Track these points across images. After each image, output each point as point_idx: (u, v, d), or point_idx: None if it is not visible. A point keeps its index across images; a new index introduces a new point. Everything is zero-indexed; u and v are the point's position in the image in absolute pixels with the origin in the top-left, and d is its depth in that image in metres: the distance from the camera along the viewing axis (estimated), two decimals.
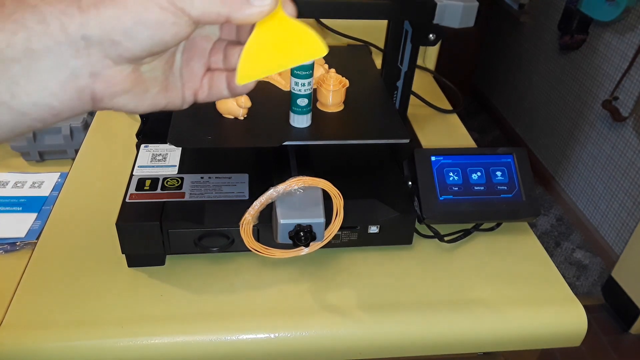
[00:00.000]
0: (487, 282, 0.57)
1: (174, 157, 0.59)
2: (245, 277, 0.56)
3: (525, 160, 0.61)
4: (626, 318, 1.65)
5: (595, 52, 1.91)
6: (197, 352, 0.50)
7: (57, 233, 0.59)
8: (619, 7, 1.65)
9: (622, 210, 1.81)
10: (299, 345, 0.51)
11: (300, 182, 0.49)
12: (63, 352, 0.49)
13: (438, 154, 0.60)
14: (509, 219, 0.62)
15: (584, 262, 1.92)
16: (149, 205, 0.53)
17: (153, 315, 0.51)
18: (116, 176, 0.62)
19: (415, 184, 0.59)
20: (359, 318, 0.52)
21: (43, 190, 0.68)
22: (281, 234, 0.51)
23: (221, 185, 0.57)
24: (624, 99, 1.77)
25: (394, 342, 0.53)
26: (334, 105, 0.61)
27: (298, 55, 0.33)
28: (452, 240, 0.62)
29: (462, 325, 0.53)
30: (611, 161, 1.85)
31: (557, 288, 0.57)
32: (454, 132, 0.84)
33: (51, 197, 0.67)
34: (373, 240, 0.58)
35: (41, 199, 0.67)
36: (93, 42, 0.30)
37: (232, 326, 0.51)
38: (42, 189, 0.69)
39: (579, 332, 0.55)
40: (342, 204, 0.51)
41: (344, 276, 0.57)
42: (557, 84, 2.16)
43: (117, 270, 0.55)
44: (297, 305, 0.53)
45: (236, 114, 0.58)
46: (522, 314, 0.54)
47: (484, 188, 0.59)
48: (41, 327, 0.49)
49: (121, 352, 0.49)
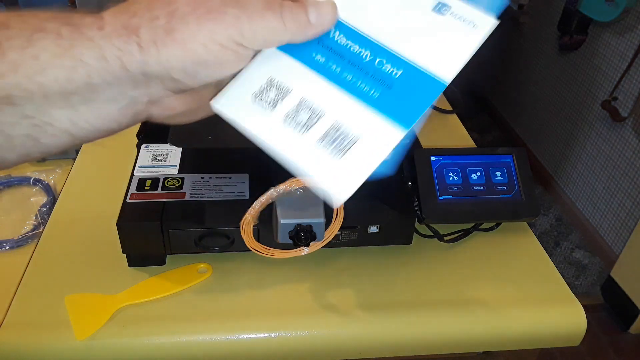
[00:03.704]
0: (487, 281, 0.57)
1: (175, 157, 0.60)
2: (245, 277, 0.56)
3: (525, 160, 0.61)
4: (625, 318, 1.65)
5: (595, 53, 1.91)
6: (197, 352, 0.50)
7: (57, 233, 0.60)
8: (618, 8, 1.65)
9: (621, 210, 1.81)
10: (299, 345, 0.51)
11: (300, 182, 0.49)
12: (64, 352, 0.49)
13: (438, 154, 0.60)
14: (509, 219, 0.62)
15: (583, 262, 1.92)
16: (150, 205, 0.53)
17: (153, 315, 0.51)
18: (117, 176, 0.62)
19: (415, 184, 0.59)
20: (359, 318, 0.52)
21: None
22: (281, 234, 0.51)
23: (221, 185, 0.57)
24: (623, 100, 1.77)
25: (394, 342, 0.53)
26: None
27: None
28: (451, 240, 0.62)
29: (462, 325, 0.53)
30: (610, 161, 1.85)
31: (557, 288, 0.57)
32: (454, 132, 0.84)
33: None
34: (373, 240, 0.58)
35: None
36: (152, 77, 0.30)
37: (232, 326, 0.51)
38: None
39: (578, 332, 0.55)
40: (342, 204, 0.51)
41: (344, 276, 0.57)
42: (556, 84, 2.17)
43: (118, 270, 0.55)
44: (297, 305, 0.53)
45: None
46: (522, 313, 0.55)
47: (483, 188, 0.59)
48: (41, 327, 0.49)
49: (122, 352, 0.49)
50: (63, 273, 0.55)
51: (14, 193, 0.71)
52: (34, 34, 0.27)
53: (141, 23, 0.28)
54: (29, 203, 0.69)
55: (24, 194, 0.70)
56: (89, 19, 0.29)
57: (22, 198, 0.70)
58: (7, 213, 0.67)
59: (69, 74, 0.28)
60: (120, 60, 0.28)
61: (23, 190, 0.71)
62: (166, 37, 0.28)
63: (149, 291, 0.52)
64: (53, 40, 0.27)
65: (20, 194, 0.70)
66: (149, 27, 0.28)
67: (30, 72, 0.27)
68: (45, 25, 0.28)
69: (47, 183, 0.72)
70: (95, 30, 0.28)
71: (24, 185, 0.72)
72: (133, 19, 0.28)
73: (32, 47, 0.27)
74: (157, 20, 0.28)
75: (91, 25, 0.28)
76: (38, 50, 0.27)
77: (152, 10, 0.28)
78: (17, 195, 0.70)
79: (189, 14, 0.28)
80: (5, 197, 0.70)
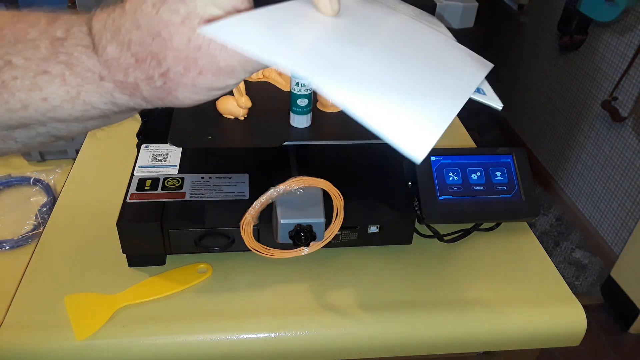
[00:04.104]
0: (487, 281, 0.57)
1: (175, 157, 0.60)
2: (245, 277, 0.56)
3: (525, 160, 0.61)
4: (625, 318, 1.65)
5: (595, 53, 1.91)
6: (198, 352, 0.50)
7: (57, 233, 0.60)
8: (618, 8, 1.65)
9: (621, 210, 1.81)
10: (299, 345, 0.51)
11: (300, 182, 0.49)
12: (63, 352, 0.49)
13: (438, 154, 0.60)
14: (509, 219, 0.62)
15: (583, 262, 1.92)
16: (150, 205, 0.53)
17: (153, 315, 0.51)
18: (117, 176, 0.62)
19: (415, 184, 0.59)
20: (359, 318, 0.52)
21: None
22: (281, 234, 0.51)
23: (221, 185, 0.57)
24: (623, 99, 1.77)
25: (394, 342, 0.53)
26: (334, 105, 0.61)
27: None
28: (451, 240, 0.62)
29: (462, 325, 0.53)
30: (610, 161, 1.85)
31: (557, 288, 0.57)
32: (454, 132, 0.84)
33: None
34: (373, 240, 0.58)
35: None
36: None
37: (232, 326, 0.51)
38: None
39: (578, 332, 0.55)
40: (342, 204, 0.51)
41: (344, 276, 0.57)
42: (556, 84, 2.17)
43: (118, 270, 0.55)
44: (297, 305, 0.53)
45: (236, 114, 0.58)
46: (522, 313, 0.55)
47: (483, 188, 0.59)
48: (41, 327, 0.49)
49: (122, 352, 0.49)
50: (63, 273, 0.55)
51: (14, 193, 0.71)
52: (37, 76, 0.28)
53: (138, 83, 0.28)
54: (29, 203, 0.69)
55: (24, 194, 0.70)
56: (84, 57, 0.28)
57: (22, 198, 0.70)
58: (7, 213, 0.67)
59: (82, 113, 0.30)
60: (130, 105, 0.30)
61: (23, 190, 0.71)
62: (168, 95, 0.29)
63: (149, 291, 0.52)
64: (60, 87, 0.28)
65: (20, 194, 0.70)
66: (149, 88, 0.29)
67: (42, 110, 0.29)
68: (47, 66, 0.28)
69: (47, 183, 0.72)
70: (98, 80, 0.29)
71: (24, 185, 0.72)
72: (128, 78, 0.28)
73: (39, 90, 0.28)
74: (153, 81, 0.28)
75: (92, 73, 0.29)
76: (46, 94, 0.28)
77: (143, 69, 0.28)
78: (17, 195, 0.70)
79: (182, 76, 0.28)
80: (5, 197, 0.70)
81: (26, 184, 0.71)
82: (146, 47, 0.27)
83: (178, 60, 0.27)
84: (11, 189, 0.71)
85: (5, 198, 0.70)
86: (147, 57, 0.28)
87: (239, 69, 0.28)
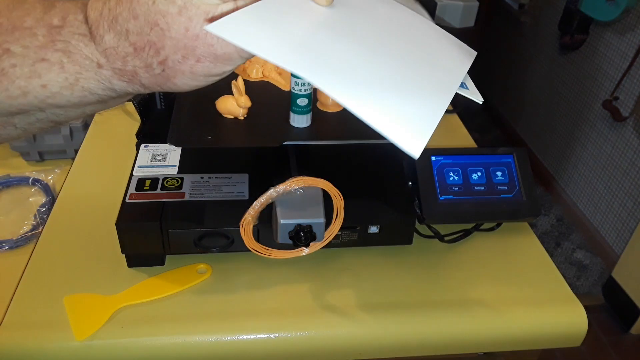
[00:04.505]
0: (487, 282, 0.57)
1: (174, 157, 0.59)
2: (245, 277, 0.56)
3: (526, 160, 0.61)
4: (626, 318, 1.65)
5: (596, 52, 1.91)
6: (197, 353, 0.50)
7: (56, 233, 0.59)
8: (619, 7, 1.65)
9: (622, 210, 1.81)
10: (299, 345, 0.51)
11: (300, 182, 0.49)
12: (63, 352, 0.49)
13: (438, 154, 0.60)
14: (509, 219, 0.62)
15: (584, 262, 1.92)
16: (149, 205, 0.53)
17: (153, 315, 0.51)
18: (116, 176, 0.62)
19: (415, 184, 0.59)
20: (359, 318, 0.52)
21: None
22: (281, 234, 0.50)
23: (221, 185, 0.56)
24: (624, 99, 1.77)
25: (394, 342, 0.53)
26: (334, 105, 0.61)
27: None
28: (452, 240, 0.62)
29: (462, 325, 0.53)
30: (611, 161, 1.85)
31: (558, 288, 0.57)
32: (455, 132, 0.84)
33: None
34: (373, 240, 0.58)
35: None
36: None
37: (232, 326, 0.51)
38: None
39: (579, 332, 0.55)
40: (342, 204, 0.51)
41: (344, 276, 0.56)
42: (557, 84, 2.16)
43: (117, 270, 0.55)
44: (297, 305, 0.53)
45: (236, 113, 0.58)
46: (523, 314, 0.54)
47: (484, 188, 0.59)
48: (41, 327, 0.49)
49: (121, 352, 0.49)
50: (62, 273, 0.54)
51: (13, 193, 0.70)
52: (36, 64, 0.28)
53: (137, 70, 0.29)
54: (28, 203, 0.69)
55: (23, 194, 0.70)
56: (82, 45, 0.29)
57: (21, 198, 0.69)
58: (6, 213, 0.67)
59: (81, 99, 0.30)
60: (128, 91, 0.30)
61: (22, 190, 0.71)
62: (167, 81, 0.29)
63: (148, 291, 0.52)
64: (58, 74, 0.29)
65: (19, 194, 0.70)
66: (148, 75, 0.29)
67: (41, 97, 0.29)
68: (45, 53, 0.28)
69: (46, 183, 0.72)
70: (96, 68, 0.29)
71: (22, 185, 0.71)
72: (127, 66, 0.29)
73: (38, 77, 0.29)
74: (152, 69, 0.29)
75: (90, 61, 0.29)
76: (45, 81, 0.29)
77: (142, 57, 0.28)
78: (16, 196, 0.70)
79: (181, 63, 0.28)
80: (4, 197, 0.70)
81: (25, 184, 0.71)
82: (144, 36, 0.28)
83: (176, 48, 0.28)
84: (10, 189, 0.71)
85: (4, 198, 0.69)
86: (145, 46, 0.28)
87: (235, 55, 0.29)
